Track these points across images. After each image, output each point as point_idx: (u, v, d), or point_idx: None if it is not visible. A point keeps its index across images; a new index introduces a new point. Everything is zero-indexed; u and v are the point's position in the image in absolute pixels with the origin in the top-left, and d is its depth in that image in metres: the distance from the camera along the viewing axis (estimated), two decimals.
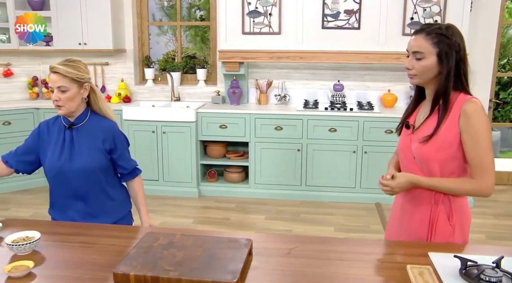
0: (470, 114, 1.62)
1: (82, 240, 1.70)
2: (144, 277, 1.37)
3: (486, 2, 4.62)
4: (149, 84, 5.31)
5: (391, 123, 4.45)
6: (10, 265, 1.46)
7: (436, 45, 1.65)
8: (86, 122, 2.10)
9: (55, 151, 2.07)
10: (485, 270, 1.40)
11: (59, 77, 1.97)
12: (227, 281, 1.33)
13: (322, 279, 1.44)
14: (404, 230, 1.79)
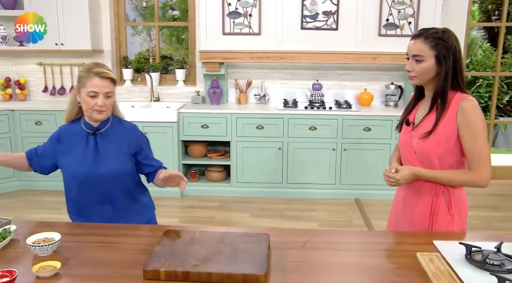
0: (467, 112, 1.74)
1: (102, 240, 1.73)
2: (175, 272, 1.42)
3: (455, 4, 4.85)
4: (127, 84, 5.28)
5: (369, 121, 4.61)
6: (38, 265, 1.47)
7: (434, 48, 1.77)
8: (109, 127, 2.08)
9: (77, 157, 2.04)
10: (489, 254, 1.53)
11: (108, 82, 1.96)
12: (257, 273, 1.40)
13: (341, 269, 1.53)
14: (407, 221, 1.91)
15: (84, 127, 2.07)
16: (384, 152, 4.65)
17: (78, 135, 2.07)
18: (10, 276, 1.39)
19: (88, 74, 1.97)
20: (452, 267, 1.50)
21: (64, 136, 2.10)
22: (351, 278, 1.47)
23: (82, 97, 2.00)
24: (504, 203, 4.68)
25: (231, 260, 1.48)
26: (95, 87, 1.95)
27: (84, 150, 2.05)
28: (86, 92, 1.96)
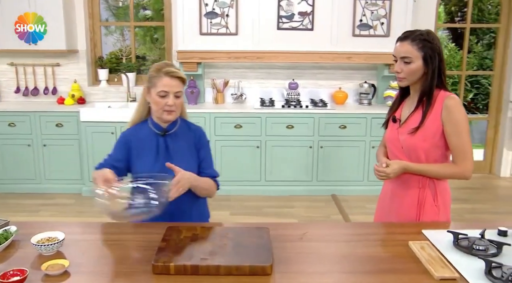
0: (451, 109, 1.86)
1: (105, 238, 1.76)
2: (184, 266, 1.47)
3: (424, 6, 5.04)
4: (103, 85, 5.24)
5: (344, 119, 4.74)
6: (46, 263, 1.49)
7: (421, 49, 1.87)
8: (177, 128, 2.06)
9: (149, 158, 2.02)
10: (475, 241, 1.64)
11: (178, 82, 1.93)
12: (264, 265, 1.47)
13: (340, 258, 1.62)
14: (395, 212, 2.01)
15: (153, 128, 2.04)
16: (359, 149, 4.80)
17: (147, 137, 2.04)
18: (21, 275, 1.40)
19: (158, 74, 1.94)
20: (442, 253, 1.61)
21: (132, 141, 2.05)
22: (352, 266, 1.56)
23: (152, 97, 1.97)
24: (472, 196, 4.91)
25: (237, 253, 1.55)
26: (166, 87, 1.92)
27: (156, 152, 2.03)
28: (156, 92, 1.94)
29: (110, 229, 1.86)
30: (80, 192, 4.79)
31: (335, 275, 1.51)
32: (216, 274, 1.46)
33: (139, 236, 1.79)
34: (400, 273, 1.50)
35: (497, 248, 1.62)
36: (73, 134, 4.73)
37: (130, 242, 1.74)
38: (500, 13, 5.56)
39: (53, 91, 5.15)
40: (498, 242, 1.63)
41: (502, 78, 5.49)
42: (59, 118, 4.70)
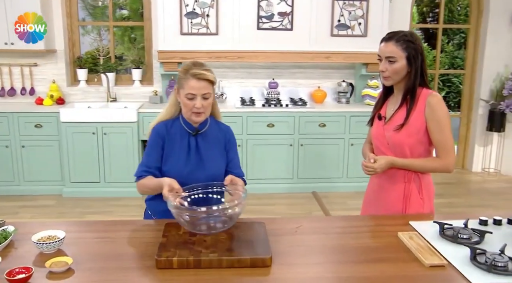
0: (434, 106, 1.96)
1: (104, 236, 1.78)
2: (187, 260, 1.51)
3: (399, 7, 5.19)
4: (82, 85, 5.19)
5: (324, 117, 4.84)
6: (50, 261, 1.51)
7: (405, 50, 1.97)
8: (208, 127, 2.06)
9: (180, 157, 2.01)
10: (459, 230, 1.75)
11: (206, 84, 1.90)
12: (264, 257, 1.53)
13: (335, 250, 1.69)
14: (382, 206, 2.10)
15: (184, 127, 2.03)
16: (338, 146, 4.91)
17: (179, 135, 2.03)
18: (26, 273, 1.42)
19: (186, 76, 1.93)
20: (430, 242, 1.70)
21: (165, 137, 2.02)
22: (346, 257, 1.64)
23: (181, 99, 1.97)
24: (447, 190, 5.09)
25: (237, 247, 1.60)
26: (193, 89, 1.90)
27: (187, 151, 2.02)
28: (184, 94, 1.93)
29: (108, 227, 1.89)
30: (61, 193, 4.75)
31: (330, 265, 1.59)
32: (219, 267, 1.52)
33: (138, 233, 1.83)
34: (392, 262, 1.58)
35: (479, 236, 1.72)
36: (52, 135, 4.68)
37: (130, 239, 1.77)
38: (469, 14, 5.77)
39: (30, 91, 5.08)
40: (481, 230, 1.74)
41: (473, 77, 5.70)
42: (38, 119, 4.65)
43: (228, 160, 2.10)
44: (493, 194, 5.07)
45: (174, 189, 1.80)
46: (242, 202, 1.69)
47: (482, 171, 5.72)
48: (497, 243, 1.67)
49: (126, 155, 4.71)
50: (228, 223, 1.68)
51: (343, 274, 1.52)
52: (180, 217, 1.65)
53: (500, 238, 1.73)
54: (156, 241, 1.71)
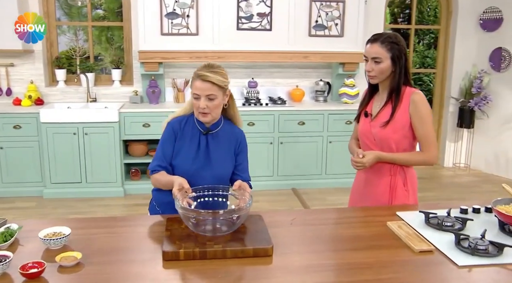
0: (418, 103, 2.09)
1: (108, 231, 1.83)
2: (193, 252, 1.59)
3: (374, 8, 5.36)
4: (60, 85, 5.16)
5: (302, 115, 4.97)
6: (59, 255, 1.56)
7: (390, 51, 2.09)
8: (220, 129, 2.11)
9: (189, 154, 2.07)
10: (444, 218, 1.88)
11: (209, 85, 1.95)
12: (266, 247, 1.62)
13: (330, 239, 1.80)
14: (369, 198, 2.23)
15: (197, 125, 2.10)
16: (317, 144, 5.04)
17: (191, 132, 2.10)
18: (39, 267, 1.47)
19: (194, 76, 2.01)
20: (417, 230, 1.83)
21: (178, 132, 2.09)
22: (341, 245, 1.74)
23: (191, 98, 2.05)
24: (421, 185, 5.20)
25: (238, 238, 1.69)
26: (197, 90, 1.97)
27: (197, 149, 2.08)
28: (192, 94, 2.01)
29: (110, 223, 1.94)
30: (42, 195, 4.71)
31: (328, 253, 1.69)
32: (223, 257, 1.60)
33: (141, 227, 1.88)
34: (384, 249, 1.70)
35: (462, 223, 1.86)
36: (32, 136, 4.64)
37: (133, 233, 1.83)
38: (438, 15, 6.00)
39: (7, 92, 5.01)
40: (463, 218, 1.87)
41: (443, 75, 5.94)
42: (17, 120, 4.60)
43: (237, 163, 2.17)
44: (463, 187, 5.31)
45: (183, 188, 1.87)
46: (247, 208, 1.75)
47: (453, 166, 5.96)
48: (478, 229, 1.81)
49: (108, 155, 4.71)
50: (232, 227, 1.74)
51: (340, 261, 1.63)
52: (186, 217, 1.72)
53: (479, 224, 1.88)
54: (159, 235, 1.78)
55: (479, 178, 5.63)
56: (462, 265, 1.57)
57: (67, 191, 4.72)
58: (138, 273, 1.53)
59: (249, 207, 1.75)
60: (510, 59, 5.35)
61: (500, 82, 5.48)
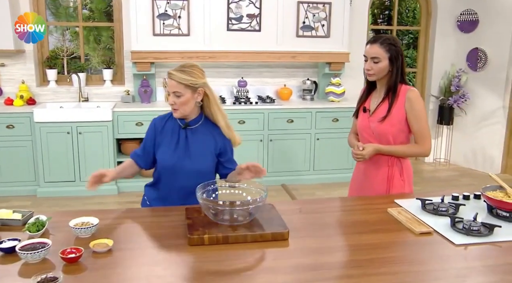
0: (413, 100, 2.28)
1: (130, 222, 1.95)
2: (216, 237, 1.73)
3: (358, 10, 5.56)
4: (52, 85, 5.20)
5: (291, 113, 5.14)
6: (92, 242, 1.68)
7: (388, 51, 2.27)
8: (200, 125, 2.23)
9: (169, 147, 2.21)
10: (439, 204, 2.06)
11: (175, 83, 2.10)
12: (282, 231, 1.77)
13: (337, 225, 1.97)
14: (368, 188, 2.40)
15: (178, 120, 2.24)
16: (305, 141, 5.22)
17: (172, 128, 2.24)
18: (77, 253, 1.59)
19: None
20: (415, 215, 2.01)
21: (159, 128, 2.25)
22: (348, 229, 1.91)
23: None
24: None
25: (256, 224, 1.83)
26: (167, 87, 2.17)
27: (176, 143, 2.22)
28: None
29: (130, 214, 2.06)
30: (35, 194, 4.76)
31: (338, 236, 1.86)
32: (244, 241, 1.74)
33: (159, 218, 2.01)
34: (388, 232, 1.87)
35: (455, 208, 2.05)
36: (25, 135, 4.68)
37: (153, 223, 1.96)
38: (415, 16, 6.25)
39: None
40: (456, 203, 2.06)
41: (424, 74, 6.19)
42: (10, 119, 4.64)
43: (227, 158, 2.30)
44: (444, 181, 5.56)
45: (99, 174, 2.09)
46: (263, 200, 1.89)
47: (434, 161, 6.22)
48: (469, 212, 2.00)
49: (102, 154, 4.79)
50: (248, 217, 1.88)
51: (349, 243, 1.80)
52: (207, 207, 1.85)
53: (470, 209, 2.07)
54: (179, 224, 1.91)
55: (458, 172, 5.90)
56: (458, 243, 1.75)
57: (61, 190, 4.77)
58: (166, 257, 1.66)
59: (264, 198, 1.90)
60: (486, 59, 5.62)
61: (476, 81, 5.76)
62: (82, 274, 1.52)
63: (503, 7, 5.43)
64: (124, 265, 1.61)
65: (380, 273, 1.54)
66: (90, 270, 1.55)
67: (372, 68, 2.30)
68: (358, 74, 5.75)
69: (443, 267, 1.59)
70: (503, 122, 5.65)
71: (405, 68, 2.36)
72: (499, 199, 1.97)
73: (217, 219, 1.86)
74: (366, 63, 2.33)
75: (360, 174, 2.48)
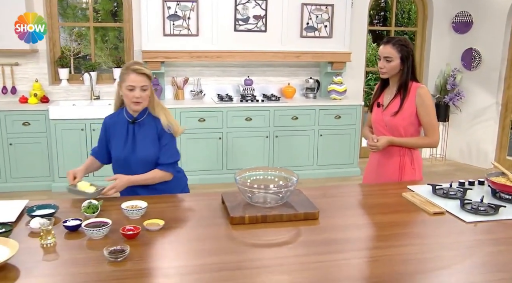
0: (423, 96, 2.51)
1: (175, 205, 2.16)
2: (256, 216, 1.94)
3: (358, 11, 5.80)
4: (64, 84, 5.37)
5: (295, 111, 5.35)
6: (146, 222, 1.88)
7: (400, 52, 2.49)
8: (145, 118, 2.42)
9: (119, 142, 2.41)
10: (448, 188, 2.30)
11: (143, 78, 2.30)
12: (314, 211, 1.99)
13: (360, 206, 2.21)
14: (382, 176, 2.63)
15: (126, 117, 2.44)
16: (309, 137, 5.44)
17: (120, 124, 2.45)
18: (135, 230, 1.79)
19: (127, 71, 2.31)
20: (428, 199, 2.23)
21: (109, 126, 2.47)
22: (370, 210, 2.14)
23: (123, 91, 2.35)
24: None
25: (289, 206, 2.04)
26: (133, 82, 2.29)
27: (126, 137, 2.42)
28: (125, 87, 2.31)
29: (171, 198, 2.27)
30: (50, 188, 4.92)
31: (361, 216, 2.09)
32: (280, 220, 1.95)
33: (196, 202, 2.23)
34: (404, 212, 2.10)
35: (462, 192, 2.28)
36: (41, 132, 4.85)
37: (193, 206, 2.17)
38: (410, 17, 6.51)
39: (12, 90, 5.19)
40: (463, 188, 2.30)
41: (420, 73, 6.44)
42: (25, 117, 4.80)
43: (160, 146, 2.43)
44: (440, 175, 5.81)
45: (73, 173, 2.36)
46: (294, 185, 2.10)
47: (430, 157, 6.48)
48: (475, 196, 2.23)
49: None
50: (280, 200, 2.08)
51: (372, 221, 2.02)
52: (244, 191, 2.06)
53: (476, 193, 2.30)
54: (216, 207, 2.12)
55: (454, 167, 6.16)
56: (469, 221, 1.98)
57: None
58: (212, 234, 1.86)
59: (295, 184, 2.11)
60: (479, 59, 5.89)
61: (471, 79, 6.03)
62: (140, 248, 1.72)
63: (496, 9, 5.70)
64: (176, 240, 1.81)
65: (403, 244, 1.77)
66: (146, 244, 1.75)
67: (385, 66, 2.52)
68: (358, 73, 6.00)
69: (457, 240, 1.82)
70: (496, 118, 5.92)
71: (416, 67, 2.59)
72: (503, 183, 2.20)
73: (253, 201, 2.07)
74: (379, 62, 2.55)
75: (374, 164, 2.70)
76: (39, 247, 1.70)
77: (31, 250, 1.67)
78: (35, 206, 2.08)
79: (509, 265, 1.61)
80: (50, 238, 1.72)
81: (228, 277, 1.50)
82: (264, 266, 1.59)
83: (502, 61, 5.73)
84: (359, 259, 1.66)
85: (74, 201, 2.21)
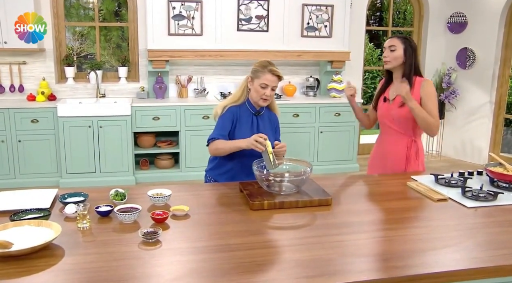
0: (426, 87, 2.67)
1: (197, 194, 2.30)
2: (274, 203, 2.08)
3: (357, 12, 5.96)
4: (70, 82, 5.48)
5: (297, 108, 5.51)
6: (173, 207, 2.02)
7: (403, 43, 2.66)
8: (265, 111, 2.68)
9: (246, 130, 2.58)
10: (449, 178, 2.46)
11: (276, 79, 2.53)
12: (327, 198, 2.14)
13: (367, 194, 2.35)
14: (388, 166, 2.78)
15: (249, 108, 2.63)
16: (310, 134, 5.60)
17: (246, 115, 2.62)
18: (163, 215, 1.93)
19: (263, 70, 2.51)
20: (431, 187, 2.39)
21: (236, 114, 2.60)
22: (379, 198, 2.30)
23: (254, 87, 2.55)
24: None
25: (304, 193, 2.19)
26: (267, 81, 2.51)
27: (251, 126, 2.62)
28: (259, 83, 2.52)
29: (196, 187, 2.41)
30: (58, 184, 5.04)
31: (370, 202, 2.24)
32: (296, 206, 2.10)
33: (215, 191, 2.37)
34: (411, 199, 2.25)
35: (463, 181, 2.44)
36: (49, 129, 4.96)
37: (214, 195, 2.31)
38: (406, 17, 6.68)
39: (19, 88, 5.29)
40: (464, 177, 2.46)
41: None
42: (34, 114, 4.91)
43: (275, 137, 2.76)
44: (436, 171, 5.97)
45: (261, 137, 2.36)
46: (308, 174, 2.24)
47: (426, 153, 6.66)
48: (475, 184, 2.40)
49: (121, 146, 5.09)
50: (295, 188, 2.24)
51: (382, 206, 2.18)
52: (261, 180, 2.21)
53: (475, 182, 2.47)
54: (235, 195, 2.26)
55: (449, 163, 6.35)
56: (470, 206, 2.14)
57: (82, 181, 5.07)
58: (233, 218, 2.01)
59: (309, 173, 2.25)
60: (474, 58, 6.08)
61: (465, 78, 6.22)
62: (169, 231, 1.86)
63: (489, 10, 5.89)
64: (200, 224, 1.95)
65: (412, 226, 1.93)
66: (174, 227, 1.89)
67: (389, 55, 2.68)
68: (357, 71, 6.17)
69: (460, 222, 1.97)
70: (490, 116, 6.12)
71: (419, 63, 2.75)
72: (500, 172, 2.37)
73: (270, 189, 2.22)
74: (384, 53, 2.71)
75: (379, 154, 2.86)
76: (76, 230, 1.83)
77: (70, 232, 1.81)
78: (66, 194, 2.21)
79: (509, 242, 1.76)
80: (86, 222, 1.86)
81: (255, 255, 1.64)
82: (286, 245, 1.74)
83: (495, 61, 5.93)
84: (372, 238, 1.81)
85: (100, 190, 2.33)
